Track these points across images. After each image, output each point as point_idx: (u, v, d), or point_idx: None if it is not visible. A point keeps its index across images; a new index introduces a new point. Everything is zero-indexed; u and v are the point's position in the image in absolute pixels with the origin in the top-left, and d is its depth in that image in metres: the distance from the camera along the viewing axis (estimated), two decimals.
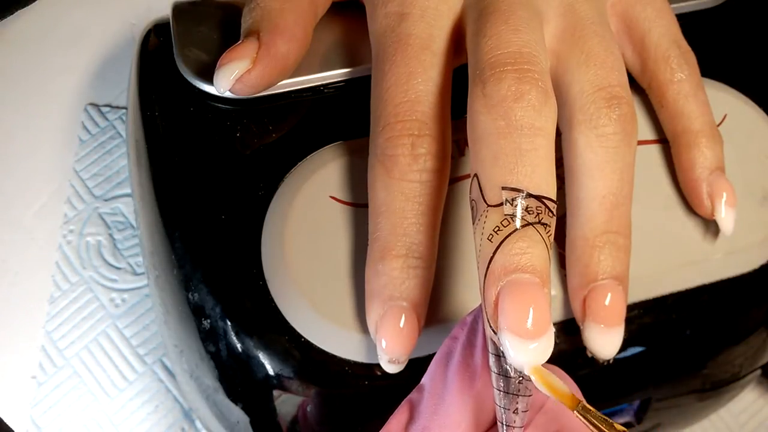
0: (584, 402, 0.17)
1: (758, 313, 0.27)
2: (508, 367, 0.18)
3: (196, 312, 0.24)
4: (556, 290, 0.24)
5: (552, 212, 0.19)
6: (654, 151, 0.26)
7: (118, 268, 0.34)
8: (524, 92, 0.20)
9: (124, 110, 0.37)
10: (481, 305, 0.19)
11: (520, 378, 0.18)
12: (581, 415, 0.17)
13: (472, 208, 0.20)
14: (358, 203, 0.24)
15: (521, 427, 0.18)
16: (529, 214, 0.19)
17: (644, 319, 0.25)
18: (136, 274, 0.34)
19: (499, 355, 0.18)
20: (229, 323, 0.23)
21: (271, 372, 0.23)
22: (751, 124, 0.28)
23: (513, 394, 0.18)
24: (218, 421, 0.26)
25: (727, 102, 0.28)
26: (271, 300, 0.23)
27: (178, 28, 0.27)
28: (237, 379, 0.24)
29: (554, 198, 0.19)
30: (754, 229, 0.26)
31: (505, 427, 0.18)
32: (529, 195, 0.19)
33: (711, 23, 0.30)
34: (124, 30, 0.39)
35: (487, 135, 0.20)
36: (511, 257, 0.18)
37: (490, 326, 0.18)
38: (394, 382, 0.23)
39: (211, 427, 0.27)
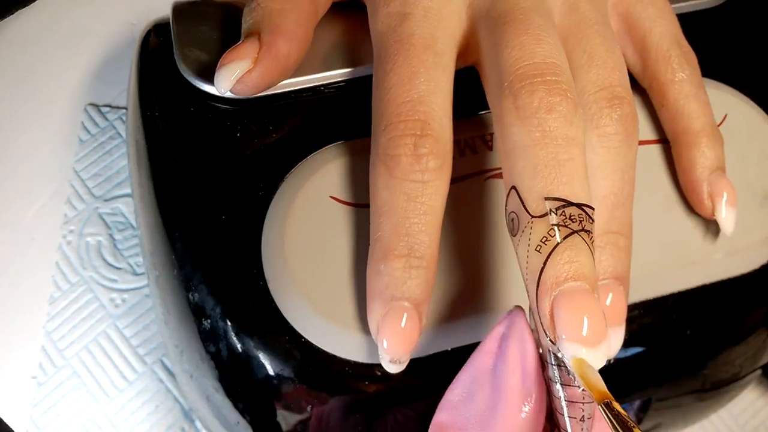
0: (613, 401, 0.17)
1: (758, 313, 0.27)
2: (571, 375, 0.18)
3: (197, 312, 0.24)
4: None
5: (592, 219, 0.19)
6: (654, 151, 0.26)
7: (118, 268, 0.34)
8: (555, 104, 0.20)
9: (124, 110, 0.37)
10: (511, 316, 0.20)
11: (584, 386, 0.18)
12: (602, 410, 0.17)
13: (511, 221, 0.20)
14: (359, 203, 0.24)
15: None
16: (573, 222, 0.19)
17: (644, 319, 0.25)
18: (136, 274, 0.34)
19: (560, 365, 0.18)
20: (229, 323, 0.23)
21: (271, 372, 0.23)
22: (751, 124, 0.28)
23: (578, 402, 0.18)
24: (218, 421, 0.26)
25: (728, 102, 0.28)
26: (272, 300, 0.23)
27: (178, 28, 0.27)
28: (237, 380, 0.24)
29: (592, 205, 0.20)
30: (754, 229, 0.26)
31: None
32: (571, 204, 0.19)
33: (711, 23, 0.30)
34: (124, 30, 0.39)
35: (523, 147, 0.20)
36: (562, 267, 0.18)
37: (547, 337, 0.18)
38: (395, 382, 0.24)
39: (211, 427, 0.27)
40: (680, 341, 0.26)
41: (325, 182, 0.24)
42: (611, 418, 0.16)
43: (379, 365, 0.22)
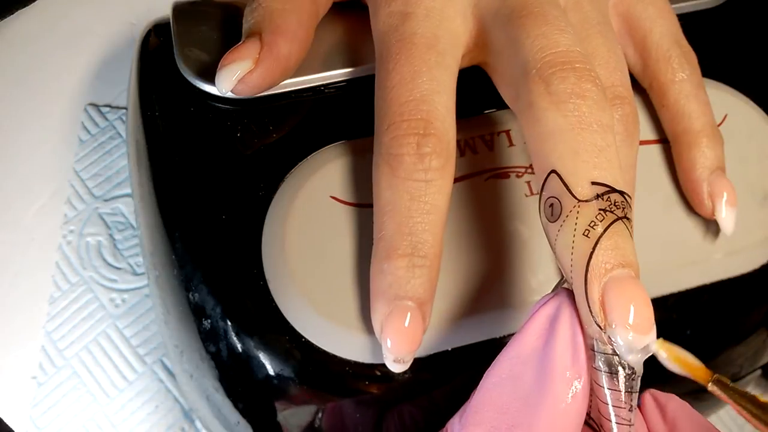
0: (718, 375, 0.16)
1: (758, 313, 0.27)
2: (619, 364, 0.18)
3: (197, 312, 0.24)
4: None
5: (631, 207, 0.19)
6: (654, 151, 0.26)
7: (118, 268, 0.34)
8: (587, 90, 0.20)
9: (124, 110, 0.37)
10: (559, 297, 0.19)
11: (632, 374, 0.18)
12: (719, 389, 0.16)
13: (550, 206, 0.19)
14: (359, 203, 0.24)
15: (632, 424, 0.18)
16: (617, 208, 0.19)
17: None
18: (136, 274, 0.34)
19: (609, 354, 0.18)
20: (229, 323, 0.23)
21: (271, 372, 0.23)
22: (751, 124, 0.28)
23: (627, 391, 0.18)
24: (218, 421, 0.26)
25: (728, 102, 0.28)
26: (272, 300, 0.23)
27: (178, 28, 0.27)
28: (237, 380, 0.24)
29: (630, 193, 0.19)
30: (754, 229, 0.26)
31: (626, 427, 0.18)
32: (615, 190, 0.19)
33: (711, 23, 0.30)
34: (124, 30, 0.39)
35: (561, 131, 0.20)
36: (610, 253, 0.18)
37: (594, 323, 0.18)
38: (395, 382, 0.24)
39: (211, 427, 0.27)
40: (680, 341, 0.26)
41: (325, 182, 0.24)
42: (730, 392, 0.16)
43: (380, 365, 0.22)
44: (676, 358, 0.17)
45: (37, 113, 0.37)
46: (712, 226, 0.26)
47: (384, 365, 0.23)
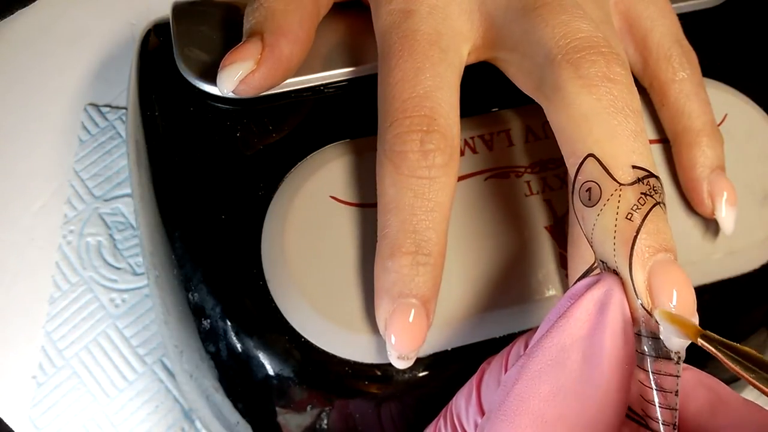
0: (708, 332, 0.16)
1: (758, 313, 0.27)
2: (664, 348, 0.18)
3: (196, 312, 0.24)
4: (556, 291, 0.24)
5: (664, 193, 0.19)
6: (655, 151, 0.26)
7: (118, 268, 0.34)
8: (618, 74, 0.20)
9: (124, 110, 0.37)
10: (607, 282, 0.18)
11: (678, 359, 0.18)
12: (704, 343, 0.16)
13: (587, 190, 0.19)
14: (359, 203, 0.24)
15: (677, 408, 0.18)
16: (656, 193, 0.18)
17: None
18: (136, 274, 0.34)
19: (655, 337, 0.18)
20: (229, 323, 0.23)
21: (271, 372, 0.23)
22: (751, 124, 0.28)
23: (674, 375, 0.18)
24: (218, 421, 0.26)
25: (728, 102, 0.28)
26: (271, 300, 0.23)
27: (178, 28, 0.27)
28: (237, 380, 0.24)
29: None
30: (754, 229, 0.26)
31: (670, 411, 0.18)
32: (652, 175, 0.19)
33: (711, 23, 0.30)
34: (124, 30, 0.39)
35: (595, 114, 0.19)
36: (653, 237, 0.18)
37: (643, 307, 0.18)
38: (394, 382, 0.24)
39: (211, 427, 0.27)
40: None
41: (324, 182, 0.24)
42: (715, 347, 0.16)
43: (379, 365, 0.22)
44: (672, 319, 0.17)
45: (37, 113, 0.37)
46: (712, 226, 0.26)
47: (384, 365, 0.23)
